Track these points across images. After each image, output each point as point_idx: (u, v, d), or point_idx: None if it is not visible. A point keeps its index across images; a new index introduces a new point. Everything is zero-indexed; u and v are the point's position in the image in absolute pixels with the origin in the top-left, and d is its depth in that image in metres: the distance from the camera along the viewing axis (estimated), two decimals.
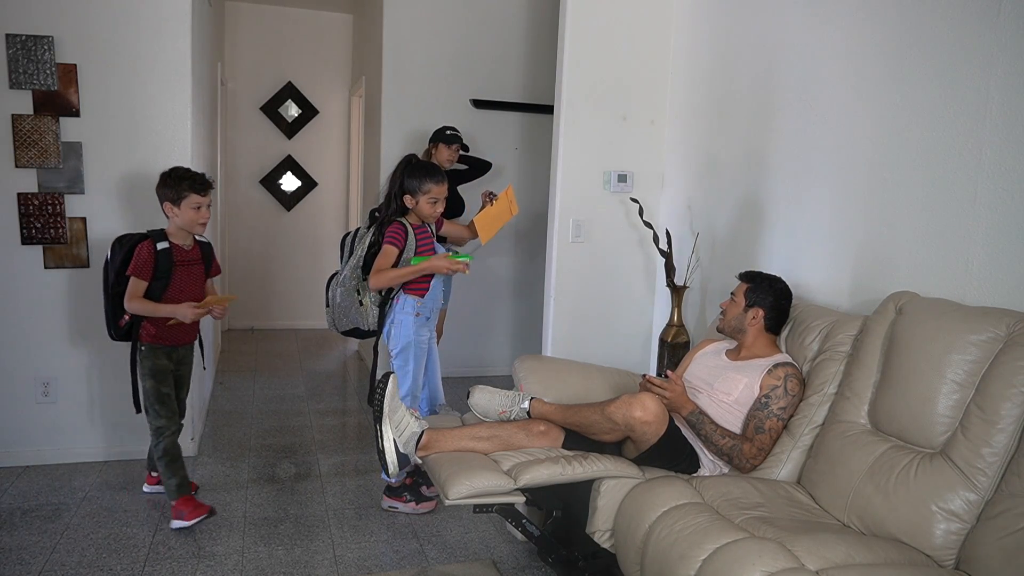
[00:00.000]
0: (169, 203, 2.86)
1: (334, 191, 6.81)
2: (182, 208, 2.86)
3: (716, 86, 3.42)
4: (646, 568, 2.07)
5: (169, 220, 2.91)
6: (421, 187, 3.01)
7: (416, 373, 3.08)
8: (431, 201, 3.02)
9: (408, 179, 3.03)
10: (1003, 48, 2.11)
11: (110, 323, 2.97)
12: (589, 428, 2.43)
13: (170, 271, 2.89)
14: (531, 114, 5.23)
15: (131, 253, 2.84)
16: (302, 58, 6.53)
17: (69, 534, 2.84)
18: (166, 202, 2.87)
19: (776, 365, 2.44)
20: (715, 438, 2.37)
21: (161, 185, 2.87)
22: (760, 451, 2.38)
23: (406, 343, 3.04)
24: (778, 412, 2.39)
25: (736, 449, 2.37)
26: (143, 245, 2.85)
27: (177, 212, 2.86)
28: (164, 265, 2.87)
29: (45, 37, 3.26)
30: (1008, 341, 1.92)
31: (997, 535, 1.77)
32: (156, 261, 2.85)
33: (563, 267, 3.67)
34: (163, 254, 2.87)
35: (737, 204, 3.28)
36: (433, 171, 3.04)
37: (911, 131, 2.41)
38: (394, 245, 2.97)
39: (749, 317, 2.57)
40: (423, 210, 3.03)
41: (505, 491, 2.29)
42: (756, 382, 2.44)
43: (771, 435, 2.39)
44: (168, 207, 2.87)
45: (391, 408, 2.36)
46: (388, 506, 3.15)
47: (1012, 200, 2.09)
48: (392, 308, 3.04)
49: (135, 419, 3.55)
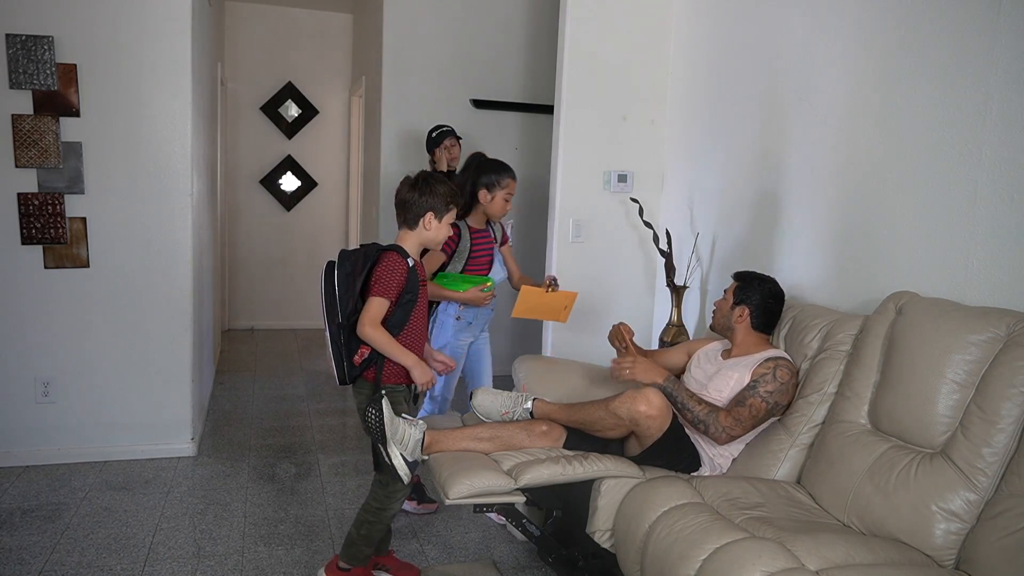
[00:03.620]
0: (433, 214, 2.38)
1: (334, 191, 6.81)
2: (443, 223, 2.42)
3: (716, 86, 3.42)
4: (646, 568, 2.07)
5: (412, 234, 2.40)
6: (500, 181, 2.94)
7: (450, 376, 3.06)
8: (507, 197, 2.97)
9: (485, 174, 2.95)
10: (1003, 48, 2.11)
11: (344, 361, 2.36)
12: (593, 425, 2.43)
13: (416, 294, 2.38)
14: (531, 114, 5.23)
15: (375, 265, 2.32)
16: (302, 58, 6.53)
17: (69, 534, 2.84)
18: (429, 212, 2.38)
19: (769, 358, 2.45)
20: (690, 404, 2.38)
21: (429, 194, 2.37)
22: (737, 423, 2.36)
23: (443, 344, 3.03)
24: (764, 394, 2.38)
25: (712, 416, 2.36)
26: (397, 257, 2.33)
27: (436, 227, 2.40)
28: (413, 286, 2.35)
29: (45, 37, 3.26)
30: (1008, 341, 1.92)
31: (997, 535, 1.77)
32: (407, 281, 2.34)
33: (563, 267, 3.68)
34: (412, 273, 2.36)
35: (737, 204, 3.28)
36: (507, 166, 3.01)
37: (911, 131, 2.41)
38: (443, 251, 2.93)
39: (736, 315, 2.58)
40: (496, 206, 2.97)
41: (505, 491, 2.30)
42: (747, 375, 2.44)
43: (751, 411, 2.37)
44: (429, 219, 2.38)
45: (392, 429, 2.34)
46: None
47: (1012, 200, 2.09)
48: (436, 308, 3.05)
49: (135, 419, 3.58)
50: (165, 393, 3.60)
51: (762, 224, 3.12)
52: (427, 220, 2.39)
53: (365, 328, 2.28)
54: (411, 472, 2.38)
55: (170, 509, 3.08)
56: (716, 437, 2.39)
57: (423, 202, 2.37)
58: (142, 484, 3.30)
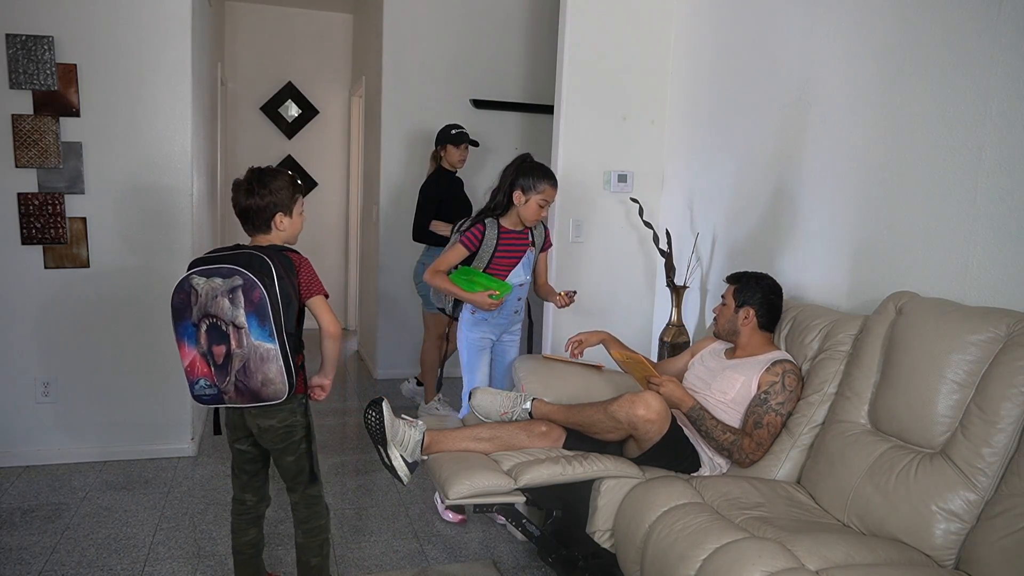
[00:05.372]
0: (282, 213, 2.25)
1: (334, 191, 6.81)
2: (295, 216, 2.32)
3: (716, 86, 3.42)
4: (646, 568, 2.07)
5: (269, 238, 2.28)
6: (536, 186, 2.89)
7: (471, 372, 3.05)
8: (542, 203, 2.91)
9: (523, 176, 2.91)
10: (1003, 48, 2.11)
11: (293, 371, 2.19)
12: (592, 427, 2.43)
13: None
14: (531, 114, 5.23)
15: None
16: (302, 58, 6.52)
17: (69, 534, 2.84)
18: (278, 213, 2.25)
19: (775, 362, 2.45)
20: (716, 433, 2.38)
21: (269, 195, 2.22)
22: (759, 446, 2.39)
23: (461, 338, 3.05)
24: (776, 407, 2.39)
25: (736, 444, 2.37)
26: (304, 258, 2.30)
27: (290, 223, 2.30)
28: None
29: (45, 37, 3.26)
30: (1008, 341, 1.92)
31: (997, 535, 1.77)
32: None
33: (563, 267, 3.68)
34: None
35: (737, 204, 3.28)
36: (550, 173, 2.94)
37: (911, 131, 2.41)
38: (465, 246, 2.91)
39: (741, 317, 2.57)
40: (530, 210, 2.91)
41: (505, 491, 2.30)
42: (753, 380, 2.44)
43: (769, 430, 2.39)
44: (280, 219, 2.25)
45: (392, 431, 2.35)
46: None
47: (1012, 200, 2.09)
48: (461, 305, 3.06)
49: (135, 419, 3.58)
50: (165, 393, 3.60)
51: (763, 223, 3.12)
52: (278, 221, 2.23)
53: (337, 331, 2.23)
54: (411, 473, 2.39)
55: (170, 509, 3.08)
56: (740, 462, 2.41)
57: (267, 205, 2.20)
58: (142, 484, 3.30)
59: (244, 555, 2.34)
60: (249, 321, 2.05)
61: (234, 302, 2.05)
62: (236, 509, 2.32)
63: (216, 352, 2.08)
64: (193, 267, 2.12)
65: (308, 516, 2.29)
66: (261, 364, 2.07)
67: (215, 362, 2.09)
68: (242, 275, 2.04)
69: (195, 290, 2.08)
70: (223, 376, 2.09)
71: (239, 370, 2.08)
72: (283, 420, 2.18)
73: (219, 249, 2.18)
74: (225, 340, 2.06)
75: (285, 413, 2.18)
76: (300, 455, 2.23)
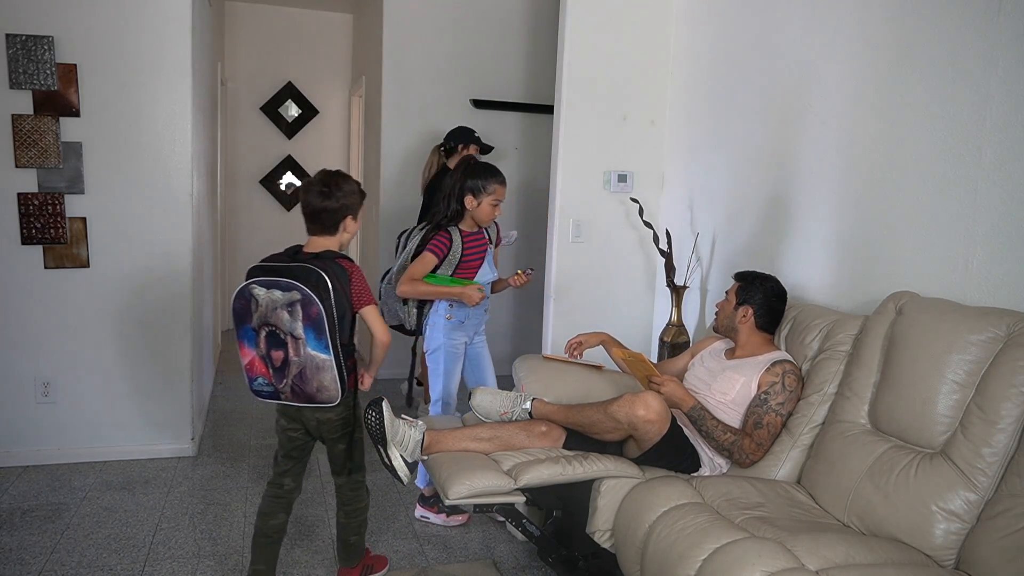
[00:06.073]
0: (351, 216, 2.37)
1: None
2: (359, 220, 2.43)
3: (716, 86, 3.42)
4: (646, 568, 2.07)
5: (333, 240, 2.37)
6: (486, 187, 2.89)
7: (448, 377, 3.04)
8: (494, 203, 2.92)
9: (471, 179, 2.91)
10: (1003, 48, 2.11)
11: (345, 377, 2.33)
12: (592, 427, 2.43)
13: None
14: (531, 114, 5.23)
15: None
16: (302, 58, 6.52)
17: (69, 534, 2.84)
18: (347, 216, 2.36)
19: (775, 363, 2.45)
20: (716, 434, 2.38)
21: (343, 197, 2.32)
22: (759, 447, 2.39)
23: (437, 345, 3.02)
24: (776, 407, 2.39)
25: (736, 444, 2.37)
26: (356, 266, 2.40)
27: (354, 227, 2.41)
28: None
29: (45, 37, 3.26)
30: (1008, 341, 1.92)
31: (997, 535, 1.77)
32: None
33: (563, 267, 3.68)
34: None
35: (737, 204, 3.28)
36: (497, 171, 2.94)
37: (911, 131, 2.41)
38: (434, 254, 2.90)
39: (739, 315, 2.58)
40: (483, 212, 2.92)
41: (505, 491, 2.29)
42: (753, 380, 2.44)
43: (769, 430, 2.39)
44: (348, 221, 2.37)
45: (392, 431, 2.35)
46: (420, 515, 3.11)
47: (1012, 200, 2.09)
48: (427, 311, 3.04)
49: (135, 419, 3.58)
50: (165, 393, 3.60)
51: (762, 223, 3.12)
52: (347, 224, 2.35)
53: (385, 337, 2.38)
54: (411, 473, 2.39)
55: (170, 509, 3.08)
56: (740, 463, 2.41)
57: (340, 208, 2.31)
58: (142, 484, 3.30)
59: (268, 538, 2.41)
60: (307, 334, 2.16)
61: (292, 315, 2.14)
62: (271, 492, 2.43)
63: (275, 357, 2.20)
64: (253, 275, 2.20)
65: (352, 499, 2.50)
66: (316, 372, 2.19)
67: (273, 365, 2.21)
68: (301, 291, 2.13)
69: (255, 299, 2.17)
70: (280, 378, 2.22)
71: (296, 375, 2.20)
72: (339, 414, 2.36)
73: (276, 256, 2.27)
74: (283, 347, 2.18)
75: (341, 407, 2.33)
76: (351, 444, 2.44)
